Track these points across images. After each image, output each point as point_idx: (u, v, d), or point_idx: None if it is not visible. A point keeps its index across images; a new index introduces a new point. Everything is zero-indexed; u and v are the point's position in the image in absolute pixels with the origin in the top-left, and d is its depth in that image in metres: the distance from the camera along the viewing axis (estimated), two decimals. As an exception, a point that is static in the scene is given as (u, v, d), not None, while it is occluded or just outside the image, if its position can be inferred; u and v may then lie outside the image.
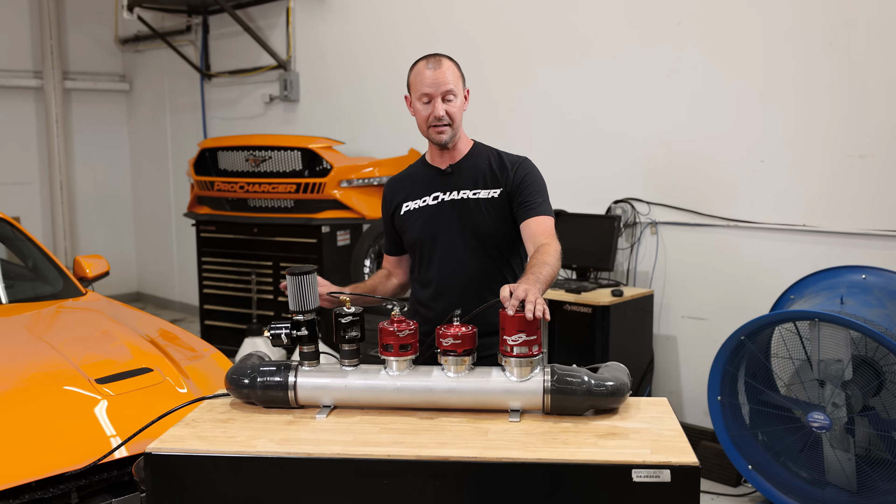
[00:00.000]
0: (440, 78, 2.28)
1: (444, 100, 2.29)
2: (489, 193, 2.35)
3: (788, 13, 3.78)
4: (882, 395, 3.23)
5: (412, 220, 2.39)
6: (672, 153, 4.23)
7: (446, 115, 2.29)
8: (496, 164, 2.38)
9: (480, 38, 4.96)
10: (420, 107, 2.31)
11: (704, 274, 4.18)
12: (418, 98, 2.31)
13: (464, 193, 2.36)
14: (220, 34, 6.92)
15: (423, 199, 2.38)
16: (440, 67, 2.30)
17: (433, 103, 2.29)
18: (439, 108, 2.28)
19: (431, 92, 2.28)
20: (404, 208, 2.41)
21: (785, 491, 3.35)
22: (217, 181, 5.53)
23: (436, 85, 2.28)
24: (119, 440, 2.38)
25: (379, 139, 5.67)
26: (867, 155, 3.61)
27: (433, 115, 2.29)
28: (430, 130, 2.32)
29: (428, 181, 2.40)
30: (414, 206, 2.40)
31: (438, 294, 2.37)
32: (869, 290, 3.46)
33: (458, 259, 2.33)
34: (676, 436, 1.81)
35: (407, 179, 2.46)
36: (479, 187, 2.36)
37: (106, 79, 8.05)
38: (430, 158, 2.44)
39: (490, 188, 2.36)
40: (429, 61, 2.32)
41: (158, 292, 8.14)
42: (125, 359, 2.83)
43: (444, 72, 2.29)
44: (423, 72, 2.31)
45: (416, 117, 2.35)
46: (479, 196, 2.34)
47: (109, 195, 8.19)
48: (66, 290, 3.77)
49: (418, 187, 2.41)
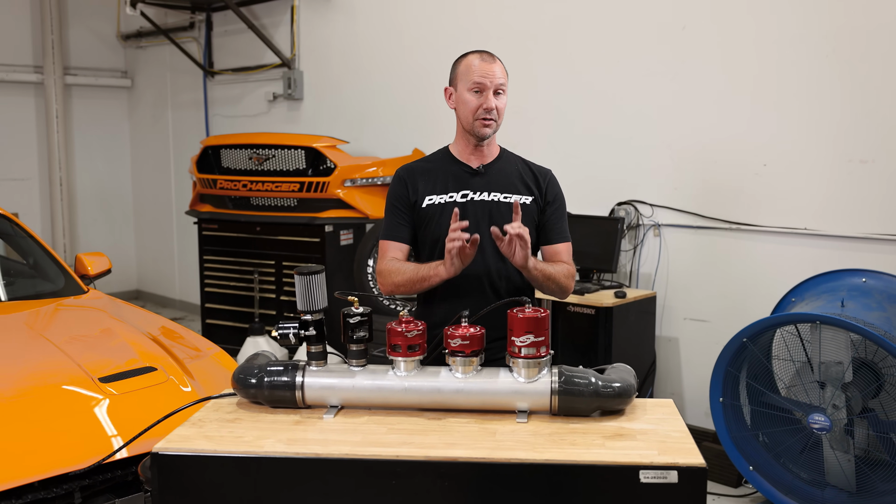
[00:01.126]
0: (495, 71, 2.29)
1: (494, 93, 2.29)
2: (521, 199, 2.34)
3: (792, 19, 3.80)
4: (881, 398, 3.25)
5: (436, 214, 2.33)
6: (675, 156, 4.24)
7: (495, 110, 2.29)
8: (525, 173, 2.40)
9: (484, 40, 4.95)
10: (469, 96, 2.29)
11: (706, 276, 4.20)
12: (469, 88, 2.29)
13: (494, 195, 2.34)
14: (223, 31, 6.92)
15: (449, 194, 2.34)
16: (495, 62, 2.31)
17: (485, 94, 2.28)
18: (492, 99, 2.28)
19: (485, 83, 2.27)
20: (427, 201, 2.34)
21: (785, 492, 3.37)
22: (220, 179, 5.53)
23: (491, 76, 2.28)
24: (122, 440, 2.38)
25: (383, 139, 5.67)
26: (868, 160, 3.62)
27: (484, 106, 2.27)
28: (476, 122, 2.30)
29: (455, 177, 2.36)
30: (439, 200, 2.33)
31: (459, 293, 2.30)
32: (869, 294, 3.47)
33: (484, 260, 2.30)
34: (683, 437, 1.83)
35: (430, 171, 2.39)
36: (511, 191, 2.35)
37: (107, 74, 8.04)
38: (458, 154, 2.40)
39: (522, 194, 2.36)
40: (483, 55, 2.32)
41: (158, 290, 8.13)
42: (129, 358, 2.82)
43: (498, 66, 2.31)
44: (476, 63, 2.30)
45: (461, 108, 2.32)
46: (511, 200, 2.33)
47: (110, 192, 8.17)
48: (67, 288, 3.76)
49: (444, 181, 2.36)
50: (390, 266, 2.30)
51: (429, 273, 2.22)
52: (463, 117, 2.34)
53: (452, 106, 2.37)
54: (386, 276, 2.31)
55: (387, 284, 2.32)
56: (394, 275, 2.28)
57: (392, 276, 2.29)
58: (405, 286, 2.28)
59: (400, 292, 2.32)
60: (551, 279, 2.28)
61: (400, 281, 2.28)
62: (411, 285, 2.27)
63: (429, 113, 5.39)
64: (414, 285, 2.26)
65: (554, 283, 2.29)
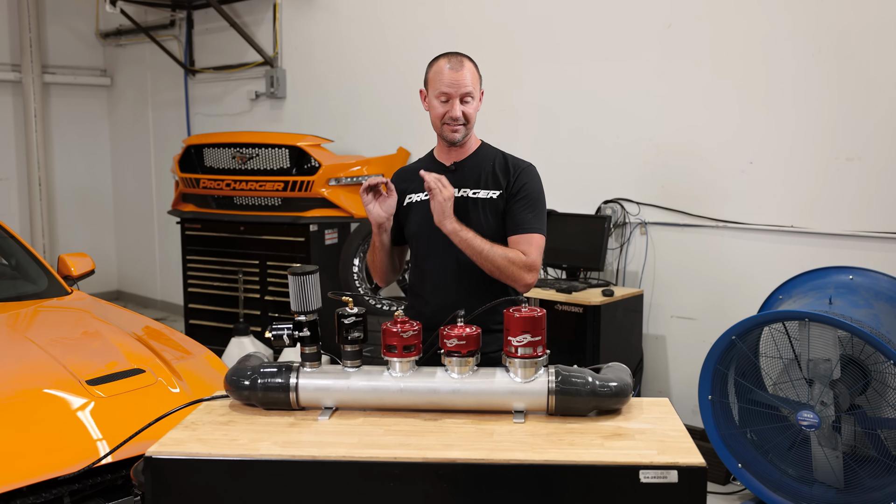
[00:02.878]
0: (461, 79, 2.31)
1: (461, 101, 2.32)
2: (488, 194, 2.37)
3: (777, 18, 3.81)
4: (868, 394, 3.27)
5: (413, 212, 2.43)
6: (661, 154, 4.25)
7: (462, 116, 2.33)
8: (500, 167, 2.41)
9: (468, 38, 4.95)
10: (437, 104, 2.34)
11: (693, 274, 4.21)
12: (436, 96, 2.33)
13: (464, 192, 2.38)
14: (204, 29, 6.85)
15: (424, 192, 2.38)
16: (462, 69, 2.32)
17: (451, 103, 2.32)
18: (457, 108, 2.32)
19: (451, 92, 2.31)
20: (407, 200, 2.44)
21: (774, 489, 3.38)
22: (203, 178, 5.47)
23: (456, 86, 2.30)
24: (111, 443, 2.34)
25: (367, 137, 5.64)
26: (854, 157, 3.65)
27: (449, 114, 2.32)
28: (443, 128, 2.35)
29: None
30: (416, 198, 2.42)
31: (434, 288, 2.39)
32: (856, 291, 3.50)
33: (454, 255, 2.32)
34: (681, 436, 1.82)
35: (413, 173, 2.45)
36: (480, 187, 2.38)
37: (86, 73, 7.94)
38: (437, 153, 2.47)
39: (490, 189, 2.38)
40: (450, 60, 2.33)
41: (140, 291, 8.05)
42: (116, 359, 2.78)
43: (465, 73, 2.32)
44: (443, 71, 2.32)
45: (431, 113, 2.38)
46: (479, 196, 2.37)
47: (89, 192, 8.07)
48: (50, 289, 3.70)
49: (421, 181, 2.38)
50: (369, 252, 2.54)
51: (373, 240, 2.42)
52: (433, 122, 2.40)
53: (426, 108, 2.43)
54: (370, 263, 2.54)
55: (373, 270, 2.54)
56: (368, 262, 2.55)
57: (369, 263, 2.54)
58: (374, 263, 2.49)
59: (380, 273, 2.51)
60: (482, 255, 2.23)
61: (370, 261, 2.52)
62: (374, 259, 2.47)
63: (414, 111, 5.33)
64: (375, 257, 2.46)
65: (489, 263, 2.24)
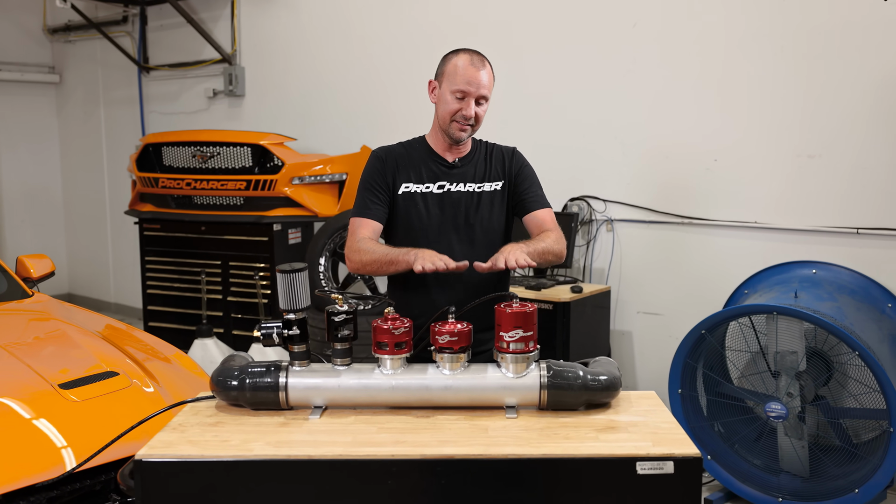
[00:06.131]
0: (481, 79, 2.29)
1: (476, 102, 2.30)
2: (492, 186, 2.39)
3: (741, 18, 3.89)
4: (831, 386, 3.37)
5: (412, 203, 2.35)
6: (627, 152, 4.31)
7: (474, 117, 2.31)
8: (496, 159, 2.43)
9: (432, 32, 4.95)
10: (450, 99, 2.30)
11: (659, 270, 4.27)
12: (452, 92, 2.29)
13: (470, 186, 2.37)
14: (159, 25, 6.71)
15: (426, 185, 2.36)
16: (483, 69, 2.30)
17: (467, 101, 2.29)
18: (472, 108, 2.29)
19: (470, 91, 2.28)
20: (403, 188, 2.36)
21: (742, 479, 3.45)
22: (162, 178, 5.36)
23: (476, 84, 2.28)
24: (89, 448, 2.27)
25: (330, 136, 5.59)
26: (816, 155, 3.74)
27: (463, 113, 2.28)
28: (452, 125, 2.31)
29: (432, 168, 2.39)
30: (416, 189, 2.36)
31: (437, 283, 2.33)
32: (820, 285, 3.59)
33: (464, 251, 2.31)
34: (673, 428, 1.85)
35: (408, 158, 2.40)
36: (484, 181, 2.39)
37: (33, 70, 7.70)
38: (434, 146, 2.42)
39: (492, 181, 2.40)
40: (473, 58, 2.31)
41: (92, 294, 7.84)
42: (88, 362, 2.70)
43: (485, 74, 2.30)
44: (465, 67, 2.29)
45: (441, 107, 2.33)
46: (485, 189, 2.38)
47: (38, 192, 7.83)
48: (10, 292, 3.58)
49: (421, 171, 2.38)
50: (361, 245, 2.29)
51: (398, 258, 2.20)
52: (441, 116, 2.35)
53: (434, 100, 2.39)
54: (355, 254, 2.30)
55: (354, 262, 2.31)
56: (363, 254, 2.27)
57: (361, 254, 2.28)
58: (372, 266, 2.27)
59: (366, 271, 2.32)
60: (548, 252, 2.29)
61: (368, 260, 2.27)
62: (378, 266, 2.26)
63: (377, 109, 5.34)
64: (381, 267, 2.26)
65: (551, 255, 2.30)
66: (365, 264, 2.28)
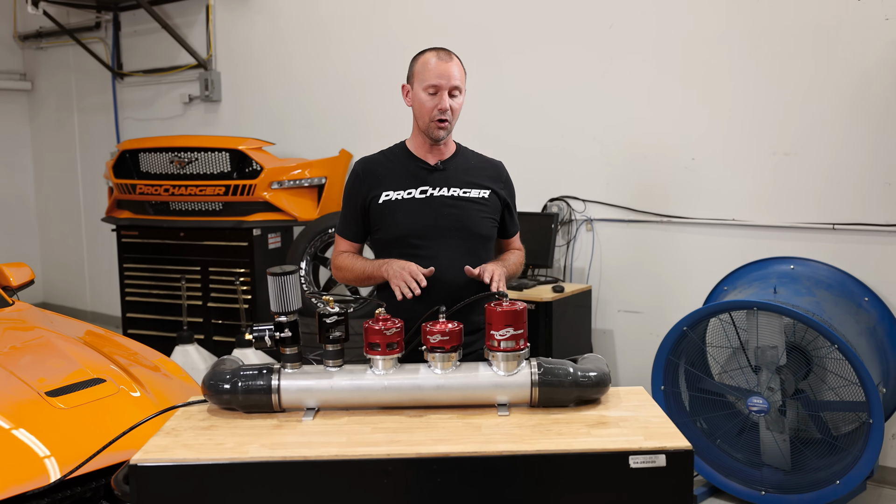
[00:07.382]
0: (451, 71, 2.29)
1: (450, 94, 2.30)
2: (479, 194, 2.40)
3: (714, 18, 3.95)
4: (810, 379, 3.43)
5: (394, 210, 2.34)
6: (606, 152, 4.35)
7: (450, 111, 2.30)
8: (483, 167, 2.46)
9: (408, 35, 4.96)
10: (425, 97, 2.30)
11: (639, 269, 4.32)
12: (424, 88, 2.29)
13: (454, 191, 2.37)
14: (133, 31, 6.65)
15: (407, 190, 2.35)
16: (451, 61, 2.31)
17: (440, 95, 2.28)
18: (446, 100, 2.28)
19: (440, 83, 2.28)
20: (384, 197, 2.35)
21: (725, 474, 3.50)
22: (139, 184, 5.32)
23: (447, 77, 2.28)
24: (78, 455, 2.25)
25: (308, 140, 5.58)
26: (792, 152, 3.81)
27: (439, 107, 2.28)
28: (430, 124, 2.31)
29: (413, 173, 2.38)
30: (396, 196, 2.35)
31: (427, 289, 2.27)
32: (798, 280, 3.65)
33: (449, 256, 2.32)
34: (664, 422, 1.88)
35: (387, 166, 2.40)
36: (470, 187, 2.39)
37: (4, 77, 7.59)
38: (415, 150, 2.41)
39: (480, 189, 2.40)
40: (439, 53, 2.32)
41: (67, 302, 7.74)
42: (74, 370, 2.67)
43: (455, 66, 2.30)
44: (433, 62, 2.29)
45: (417, 108, 2.33)
46: (471, 195, 2.38)
47: (10, 200, 7.72)
48: (-10, 301, 3.54)
49: (401, 177, 2.37)
50: (341, 262, 2.45)
51: (373, 273, 2.34)
52: (419, 117, 2.36)
53: (409, 103, 2.38)
54: (337, 270, 2.46)
55: (339, 278, 2.47)
56: (343, 270, 2.44)
57: (342, 271, 2.44)
58: (352, 281, 2.44)
59: (352, 285, 2.54)
60: (517, 270, 2.48)
61: (349, 277, 2.43)
62: (359, 281, 2.42)
63: (355, 113, 5.34)
64: (361, 282, 2.41)
65: (517, 272, 2.49)
66: (347, 280, 2.44)
